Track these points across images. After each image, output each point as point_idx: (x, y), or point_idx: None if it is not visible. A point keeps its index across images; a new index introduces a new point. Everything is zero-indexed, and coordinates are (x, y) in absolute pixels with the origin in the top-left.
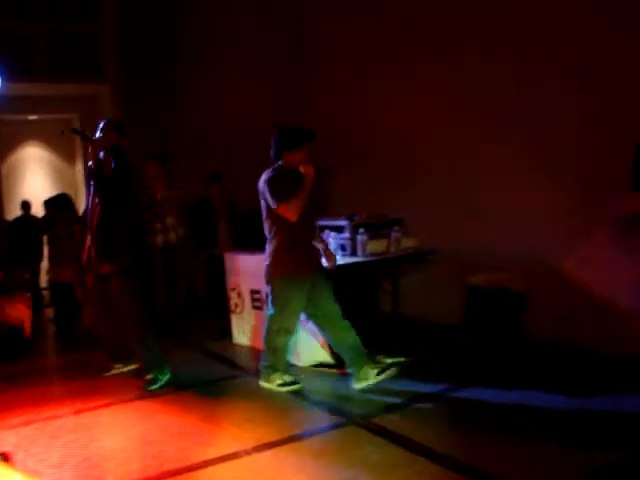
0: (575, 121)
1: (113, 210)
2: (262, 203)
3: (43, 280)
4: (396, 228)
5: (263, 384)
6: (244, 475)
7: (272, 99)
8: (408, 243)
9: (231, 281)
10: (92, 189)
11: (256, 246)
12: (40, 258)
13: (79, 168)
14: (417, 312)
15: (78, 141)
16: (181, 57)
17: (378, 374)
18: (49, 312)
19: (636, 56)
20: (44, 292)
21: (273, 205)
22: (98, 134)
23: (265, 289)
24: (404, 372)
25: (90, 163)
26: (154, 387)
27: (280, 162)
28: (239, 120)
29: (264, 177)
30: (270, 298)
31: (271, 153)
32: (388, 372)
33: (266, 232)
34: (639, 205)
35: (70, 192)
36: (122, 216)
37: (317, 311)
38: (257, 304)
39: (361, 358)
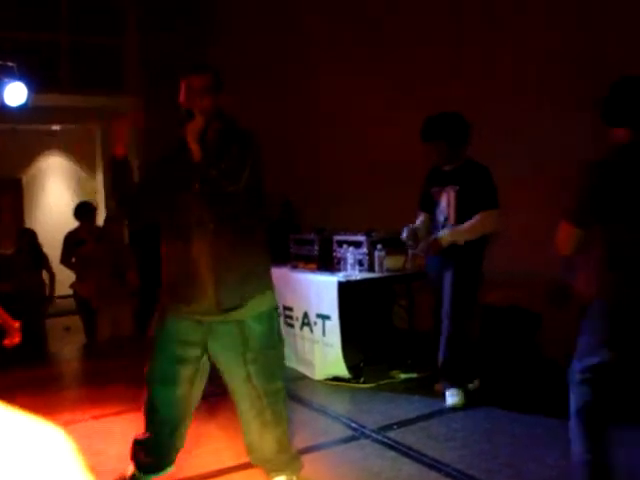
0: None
1: (238, 228)
2: None
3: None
4: None
5: None
6: None
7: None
8: (424, 260)
9: None
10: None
11: (273, 259)
12: None
13: (100, 178)
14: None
15: (99, 150)
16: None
17: None
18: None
19: None
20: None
21: None
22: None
23: (282, 302)
24: (418, 387)
25: (193, 156)
26: None
27: None
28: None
29: None
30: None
31: None
32: None
33: None
34: None
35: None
36: (255, 236)
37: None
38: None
39: None
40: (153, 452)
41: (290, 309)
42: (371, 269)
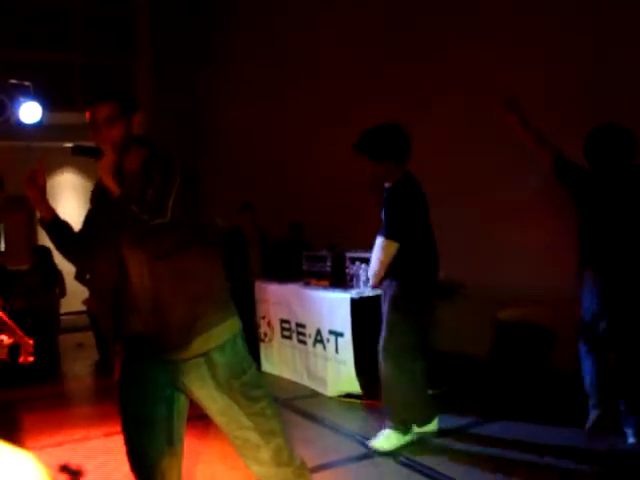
0: None
1: (178, 262)
2: None
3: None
4: None
5: None
6: None
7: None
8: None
9: (261, 309)
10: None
11: (286, 275)
12: None
13: None
14: (446, 345)
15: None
16: (214, 88)
17: None
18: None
19: None
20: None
21: None
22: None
23: (295, 319)
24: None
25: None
26: None
27: None
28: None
29: None
30: None
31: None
32: None
33: None
34: None
35: None
36: (202, 265)
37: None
38: (286, 333)
39: None
40: None
41: (303, 326)
42: None
